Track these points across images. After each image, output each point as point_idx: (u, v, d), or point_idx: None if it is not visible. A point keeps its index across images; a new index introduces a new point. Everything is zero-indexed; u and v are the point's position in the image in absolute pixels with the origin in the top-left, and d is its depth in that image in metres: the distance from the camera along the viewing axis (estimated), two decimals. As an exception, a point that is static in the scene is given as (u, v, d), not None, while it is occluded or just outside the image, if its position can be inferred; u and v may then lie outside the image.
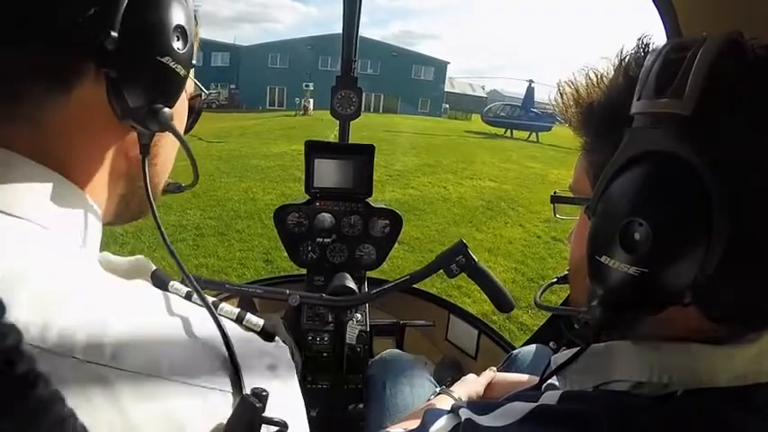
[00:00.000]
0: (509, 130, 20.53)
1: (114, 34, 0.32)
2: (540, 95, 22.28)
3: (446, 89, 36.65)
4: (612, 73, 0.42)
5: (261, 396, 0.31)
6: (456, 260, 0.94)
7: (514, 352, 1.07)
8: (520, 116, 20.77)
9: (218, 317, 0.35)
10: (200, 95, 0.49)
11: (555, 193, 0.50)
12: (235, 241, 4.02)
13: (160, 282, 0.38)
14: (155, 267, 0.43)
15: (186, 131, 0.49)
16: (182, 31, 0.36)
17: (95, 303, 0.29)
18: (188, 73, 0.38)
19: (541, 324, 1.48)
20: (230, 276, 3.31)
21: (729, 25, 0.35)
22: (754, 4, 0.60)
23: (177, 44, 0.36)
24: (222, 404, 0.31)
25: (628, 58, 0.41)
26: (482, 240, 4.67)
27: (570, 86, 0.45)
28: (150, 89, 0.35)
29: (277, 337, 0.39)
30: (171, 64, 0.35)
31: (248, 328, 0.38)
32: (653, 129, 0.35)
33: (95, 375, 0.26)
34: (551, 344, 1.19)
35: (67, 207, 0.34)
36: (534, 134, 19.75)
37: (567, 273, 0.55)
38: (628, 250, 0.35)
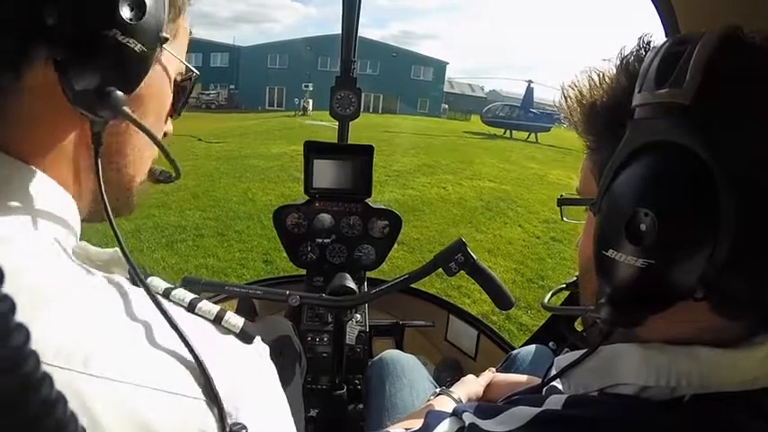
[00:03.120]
0: (508, 131, 20.52)
1: (52, 9, 0.28)
2: (540, 95, 22.34)
3: (445, 89, 36.64)
4: (614, 73, 0.42)
5: None
6: (455, 258, 0.94)
7: (514, 352, 1.07)
8: (519, 117, 20.75)
9: (191, 317, 0.34)
10: (192, 77, 0.44)
11: (562, 196, 0.49)
12: (234, 242, 4.01)
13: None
14: None
15: (175, 114, 0.45)
16: (135, 0, 0.30)
17: (70, 307, 0.28)
18: (150, 50, 0.33)
19: (541, 324, 1.48)
20: (230, 277, 3.30)
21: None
22: (753, 3, 0.60)
23: (128, 15, 0.30)
24: (195, 412, 0.30)
25: (630, 57, 0.41)
26: (482, 241, 4.67)
27: (573, 89, 0.44)
28: (98, 69, 0.30)
29: (257, 339, 0.37)
30: (121, 38, 0.30)
31: (227, 329, 0.36)
32: (654, 119, 0.35)
33: (66, 382, 0.25)
34: (551, 344, 1.19)
35: (42, 202, 0.33)
36: (533, 135, 19.74)
37: (575, 279, 0.54)
38: (634, 242, 0.34)
